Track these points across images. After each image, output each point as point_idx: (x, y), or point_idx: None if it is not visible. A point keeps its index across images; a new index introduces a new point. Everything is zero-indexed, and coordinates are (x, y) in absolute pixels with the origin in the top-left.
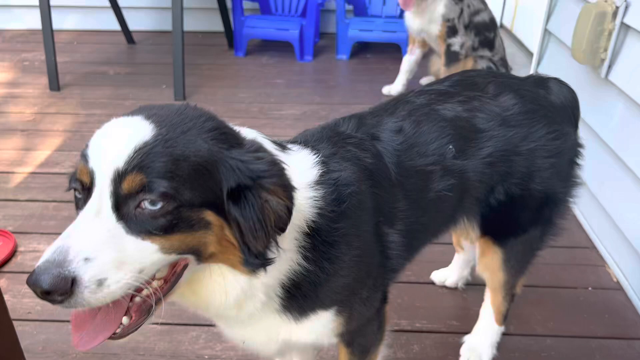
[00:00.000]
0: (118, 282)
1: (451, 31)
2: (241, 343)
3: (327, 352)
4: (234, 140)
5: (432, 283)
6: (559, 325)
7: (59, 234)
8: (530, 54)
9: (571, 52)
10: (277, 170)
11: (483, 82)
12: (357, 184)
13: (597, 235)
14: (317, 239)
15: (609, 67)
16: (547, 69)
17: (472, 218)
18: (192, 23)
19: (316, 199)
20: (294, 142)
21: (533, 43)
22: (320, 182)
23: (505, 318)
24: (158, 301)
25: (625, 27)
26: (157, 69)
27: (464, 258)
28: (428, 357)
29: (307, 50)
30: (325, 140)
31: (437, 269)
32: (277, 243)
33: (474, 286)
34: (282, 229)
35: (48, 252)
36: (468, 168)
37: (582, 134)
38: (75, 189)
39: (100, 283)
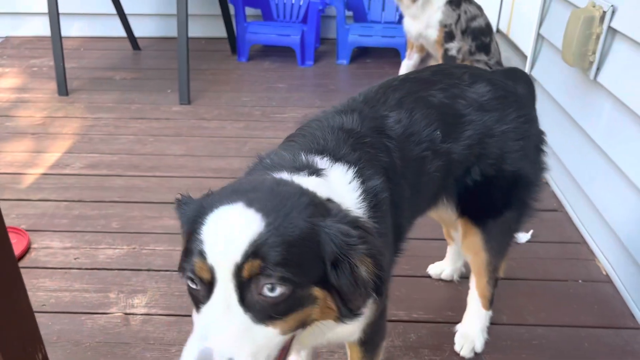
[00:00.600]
0: None
1: (448, 36)
2: None
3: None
4: (324, 210)
5: (429, 276)
6: (550, 315)
7: (71, 231)
8: (525, 57)
9: (562, 55)
10: (366, 241)
11: (458, 72)
12: (386, 189)
13: (588, 231)
14: None
15: (598, 69)
16: (540, 71)
17: (450, 198)
18: (195, 29)
19: (365, 208)
20: (319, 151)
21: (527, 47)
22: (362, 193)
23: (491, 303)
24: None
25: (612, 31)
26: (162, 74)
27: (455, 249)
28: (424, 345)
29: (308, 56)
30: (343, 144)
31: (433, 263)
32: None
33: (469, 279)
34: (378, 292)
35: (191, 356)
36: (453, 150)
37: (573, 133)
38: (191, 280)
39: None
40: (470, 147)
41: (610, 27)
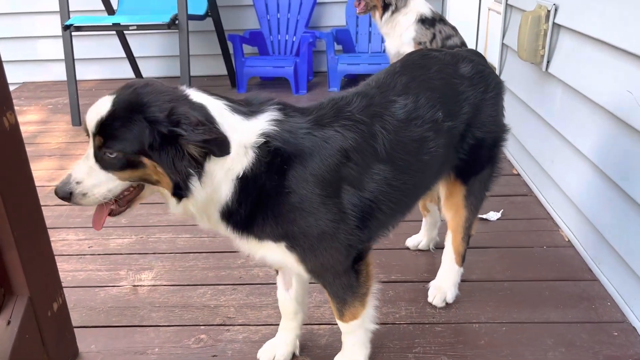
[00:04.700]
0: (94, 195)
1: None
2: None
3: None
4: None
5: (407, 248)
6: (515, 272)
7: (85, 228)
8: (495, 69)
9: (517, 53)
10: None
11: (440, 55)
12: (303, 159)
13: (553, 208)
14: (248, 185)
15: (548, 62)
16: (506, 76)
17: (451, 167)
18: (198, 68)
19: (251, 159)
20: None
21: (496, 58)
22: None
23: (463, 259)
24: (134, 200)
25: (557, 27)
26: None
27: (430, 221)
28: (401, 299)
29: (301, 85)
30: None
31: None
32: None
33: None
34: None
35: (62, 179)
36: (453, 125)
37: (534, 122)
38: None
39: (84, 195)
40: (468, 119)
41: (555, 23)
